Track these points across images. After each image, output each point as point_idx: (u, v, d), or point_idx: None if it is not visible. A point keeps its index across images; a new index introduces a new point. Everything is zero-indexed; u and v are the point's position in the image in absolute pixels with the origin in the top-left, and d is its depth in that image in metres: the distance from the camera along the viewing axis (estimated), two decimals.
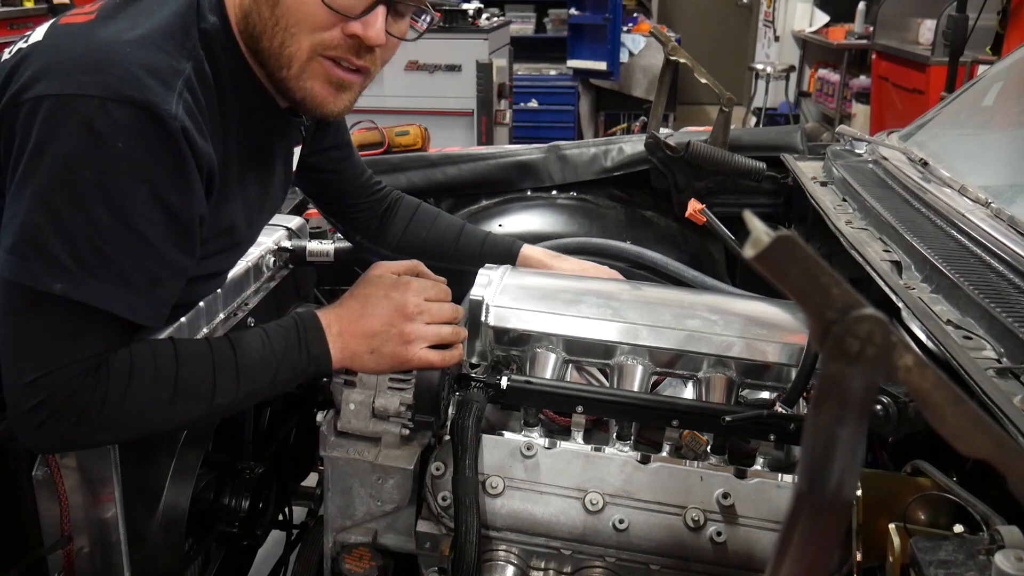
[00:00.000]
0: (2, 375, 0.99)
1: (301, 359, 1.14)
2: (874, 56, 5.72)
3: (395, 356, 1.17)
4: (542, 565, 1.18)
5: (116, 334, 1.01)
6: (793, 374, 1.21)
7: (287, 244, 1.58)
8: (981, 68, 3.73)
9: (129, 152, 0.94)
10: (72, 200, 0.93)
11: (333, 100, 1.11)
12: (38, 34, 1.03)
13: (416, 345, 1.18)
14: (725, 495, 1.13)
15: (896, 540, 0.88)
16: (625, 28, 6.52)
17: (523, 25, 6.81)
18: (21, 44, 1.03)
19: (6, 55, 1.05)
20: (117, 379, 0.99)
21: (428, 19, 1.15)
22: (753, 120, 7.25)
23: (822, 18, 7.12)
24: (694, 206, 1.76)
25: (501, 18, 5.68)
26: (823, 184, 1.75)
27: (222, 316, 1.36)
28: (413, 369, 1.19)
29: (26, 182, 0.94)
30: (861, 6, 6.57)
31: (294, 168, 1.37)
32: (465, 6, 5.19)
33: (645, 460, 1.16)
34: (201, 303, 1.28)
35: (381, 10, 1.05)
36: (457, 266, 1.56)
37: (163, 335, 1.21)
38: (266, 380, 1.11)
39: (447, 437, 1.21)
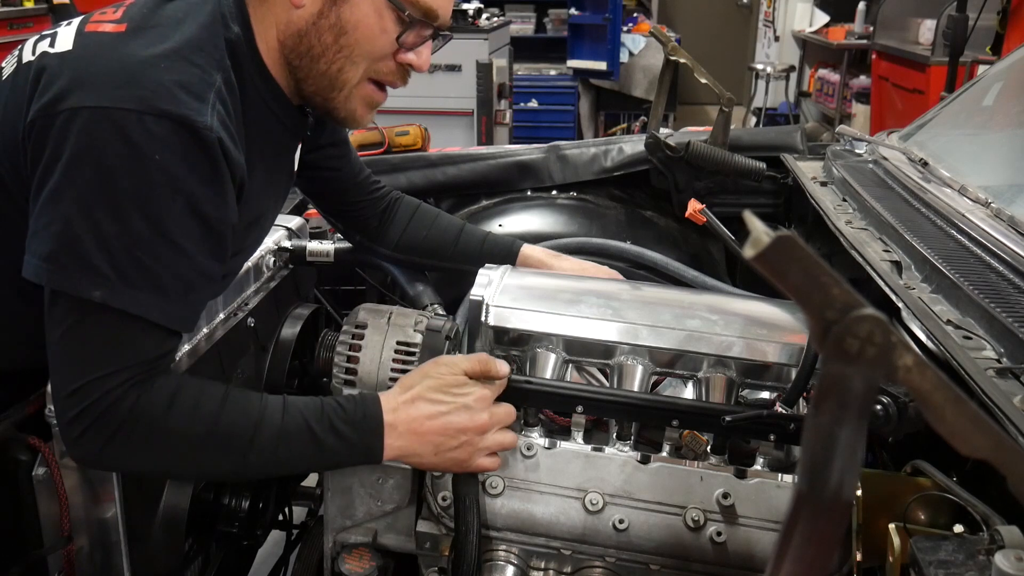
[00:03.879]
0: (51, 386, 1.02)
1: (349, 449, 1.09)
2: (874, 56, 5.72)
3: (457, 463, 1.13)
4: (542, 565, 1.18)
5: (154, 342, 1.01)
6: (793, 374, 1.21)
7: (287, 244, 1.58)
8: (981, 68, 3.73)
9: (166, 164, 0.96)
10: (111, 210, 0.95)
11: (367, 116, 1.21)
12: (65, 41, 1.03)
13: (480, 454, 1.14)
14: (725, 495, 1.13)
15: (896, 540, 0.88)
16: (625, 28, 6.52)
17: (523, 25, 6.81)
18: (46, 47, 1.03)
19: (28, 55, 1.05)
20: (157, 400, 1.00)
21: (447, 40, 1.23)
22: (753, 120, 7.25)
23: (822, 18, 7.12)
24: (694, 206, 1.76)
25: (501, 18, 5.68)
26: (823, 184, 1.75)
27: (222, 316, 1.36)
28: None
29: (62, 192, 0.95)
30: (861, 6, 6.57)
31: (295, 166, 1.38)
32: (465, 6, 5.19)
33: (645, 460, 1.16)
34: None
35: (430, 42, 1.16)
36: (457, 266, 1.56)
37: None
38: (306, 457, 1.08)
39: None
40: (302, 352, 1.61)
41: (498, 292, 1.31)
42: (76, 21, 1.07)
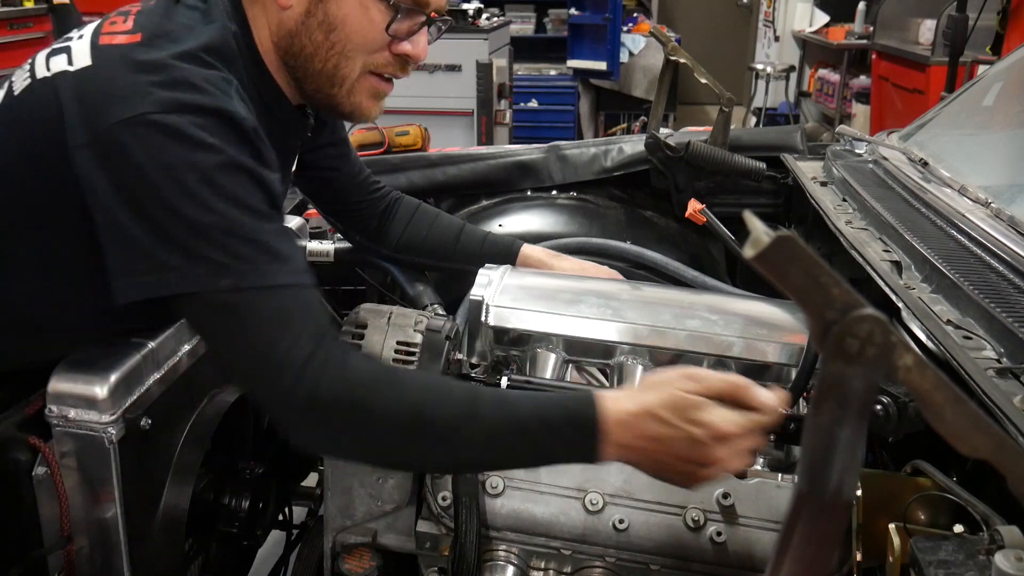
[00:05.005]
0: (253, 392, 1.01)
1: (569, 447, 0.98)
2: (874, 56, 5.72)
3: (678, 483, 1.00)
4: (542, 565, 1.18)
5: (301, 302, 1.00)
6: (793, 374, 1.21)
7: None
8: (981, 68, 3.72)
9: (221, 148, 0.97)
10: (194, 203, 0.95)
11: (374, 108, 1.20)
12: (82, 56, 1.02)
13: (704, 479, 0.98)
14: (725, 495, 1.13)
15: (896, 540, 0.88)
16: (625, 28, 6.52)
17: (523, 25, 6.80)
18: (64, 65, 1.02)
19: (42, 70, 1.04)
20: (359, 364, 0.99)
21: (446, 25, 1.22)
22: (753, 120, 7.25)
23: (822, 18, 7.12)
24: (694, 206, 1.76)
25: (501, 18, 5.68)
26: (823, 184, 1.75)
27: None
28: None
29: (142, 203, 0.95)
30: (861, 6, 6.56)
31: (294, 166, 1.38)
32: (465, 6, 5.19)
33: None
34: None
35: (425, 29, 1.15)
36: (457, 266, 1.56)
37: (163, 335, 1.22)
38: (521, 443, 0.98)
39: None
40: None
41: (498, 292, 1.31)
42: (87, 35, 1.05)
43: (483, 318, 1.29)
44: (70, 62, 1.02)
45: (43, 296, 1.13)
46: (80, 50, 1.03)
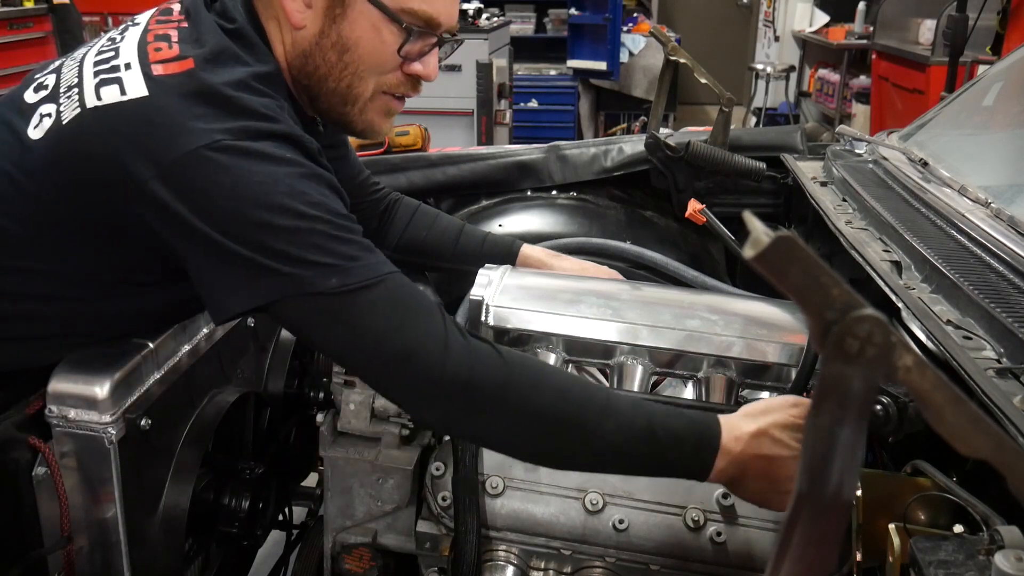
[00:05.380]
0: (390, 383, 1.02)
1: (686, 460, 1.02)
2: (874, 56, 5.72)
3: (773, 505, 1.06)
4: (542, 565, 1.18)
5: (406, 289, 1.02)
6: (793, 374, 1.21)
7: None
8: (981, 68, 3.72)
9: (299, 161, 1.01)
10: (287, 214, 0.96)
11: (385, 125, 1.21)
12: (136, 87, 1.00)
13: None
14: (725, 495, 1.13)
15: (896, 540, 0.88)
16: (625, 28, 6.52)
17: (523, 25, 6.81)
18: (116, 96, 0.99)
19: (92, 99, 1.01)
20: (487, 353, 1.00)
21: (459, 44, 1.24)
22: (753, 120, 7.25)
23: (822, 18, 7.12)
24: (694, 206, 1.76)
25: (501, 18, 5.69)
26: (823, 184, 1.75)
27: None
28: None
29: (236, 224, 0.96)
30: (861, 6, 6.57)
31: None
32: (465, 6, 5.20)
33: None
34: None
35: (436, 49, 1.16)
36: (457, 266, 1.56)
37: (162, 336, 1.22)
38: (642, 450, 1.01)
39: (447, 437, 1.21)
40: (302, 352, 1.61)
41: (498, 292, 1.31)
42: (134, 62, 1.02)
43: (483, 318, 1.29)
44: (123, 93, 1.00)
45: (40, 296, 1.13)
46: (133, 81, 1.01)
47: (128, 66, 1.03)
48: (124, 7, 5.32)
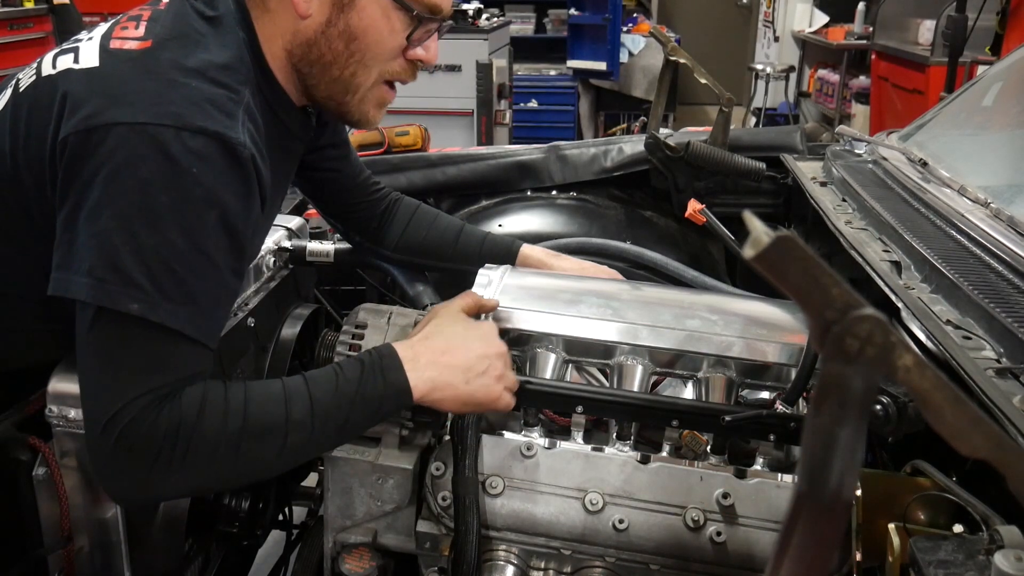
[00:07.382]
0: (84, 422, 0.97)
1: (377, 389, 1.07)
2: (874, 56, 5.72)
3: (487, 391, 1.13)
4: (542, 565, 1.18)
5: (191, 358, 0.99)
6: (793, 374, 1.21)
7: (287, 244, 1.58)
8: (981, 68, 3.73)
9: (202, 178, 0.96)
10: (149, 223, 0.94)
11: (378, 116, 1.23)
12: (90, 57, 1.02)
13: (501, 384, 1.14)
14: (725, 495, 1.13)
15: (896, 540, 0.88)
16: (625, 28, 6.52)
17: (523, 25, 6.81)
18: (69, 63, 1.02)
19: (48, 68, 1.04)
20: (188, 409, 0.96)
21: (447, 27, 1.24)
22: (753, 120, 7.25)
23: (822, 18, 7.13)
24: (694, 206, 1.76)
25: (501, 18, 5.68)
26: (823, 184, 1.75)
27: None
28: (489, 411, 1.16)
29: (101, 207, 0.94)
30: (861, 6, 6.57)
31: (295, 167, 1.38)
32: (465, 6, 5.19)
33: (645, 460, 1.16)
34: None
35: (436, 34, 1.19)
36: (457, 266, 1.56)
37: None
38: (342, 415, 1.05)
39: (447, 437, 1.21)
40: (302, 352, 1.61)
41: (498, 292, 1.31)
42: (96, 36, 1.05)
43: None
44: (76, 61, 1.02)
45: (39, 296, 1.13)
46: (88, 51, 1.03)
47: (90, 39, 1.05)
48: (124, 7, 5.32)
